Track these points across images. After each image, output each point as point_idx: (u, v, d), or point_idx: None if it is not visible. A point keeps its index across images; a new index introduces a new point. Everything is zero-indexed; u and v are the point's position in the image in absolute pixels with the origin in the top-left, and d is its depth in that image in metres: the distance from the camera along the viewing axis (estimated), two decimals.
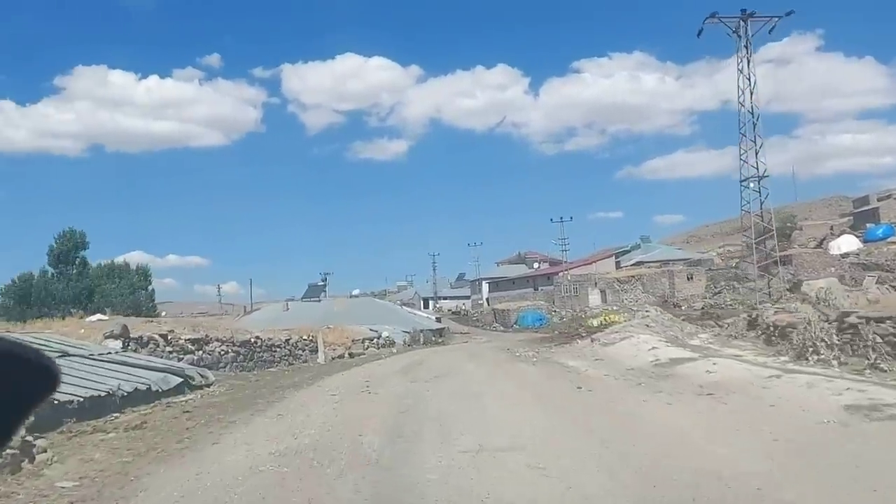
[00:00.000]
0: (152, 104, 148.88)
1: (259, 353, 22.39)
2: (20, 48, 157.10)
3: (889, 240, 71.68)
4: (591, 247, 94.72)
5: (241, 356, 21.45)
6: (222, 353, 20.67)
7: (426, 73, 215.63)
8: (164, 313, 76.83)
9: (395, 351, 34.10)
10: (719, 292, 66.59)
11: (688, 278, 71.25)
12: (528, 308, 71.47)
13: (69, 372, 12.00)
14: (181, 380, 15.09)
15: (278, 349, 23.81)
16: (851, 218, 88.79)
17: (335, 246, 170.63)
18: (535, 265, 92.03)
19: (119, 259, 60.84)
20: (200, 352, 19.86)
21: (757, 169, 27.78)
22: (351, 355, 28.17)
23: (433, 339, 49.19)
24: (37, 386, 0.69)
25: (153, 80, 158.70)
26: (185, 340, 19.51)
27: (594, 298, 72.27)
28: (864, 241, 72.78)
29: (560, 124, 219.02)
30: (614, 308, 68.22)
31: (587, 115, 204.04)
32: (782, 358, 14.62)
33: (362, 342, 32.50)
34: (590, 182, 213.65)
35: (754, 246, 31.92)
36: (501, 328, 68.62)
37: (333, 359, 26.64)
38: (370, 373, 18.94)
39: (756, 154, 27.64)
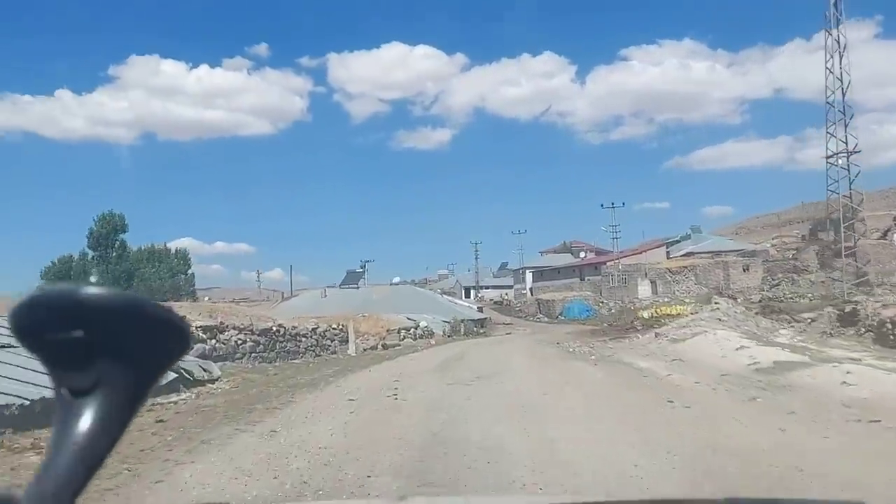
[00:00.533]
0: (202, 93, 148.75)
1: (282, 342, 19.74)
2: (76, 38, 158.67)
3: None
4: (639, 237, 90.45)
5: (261, 346, 18.81)
6: (239, 342, 18.05)
7: (471, 61, 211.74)
8: (207, 298, 75.59)
9: (433, 342, 31.25)
10: (777, 284, 61.90)
11: (743, 269, 66.65)
12: (574, 299, 67.93)
13: (17, 364, 9.37)
14: (175, 375, 12.45)
15: (304, 339, 21.13)
16: None
17: (378, 234, 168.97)
18: (582, 255, 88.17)
19: (170, 244, 59.44)
20: (213, 341, 17.26)
21: (846, 144, 23.82)
22: (385, 347, 25.40)
23: (474, 329, 46.22)
24: (171, 346, 0.68)
25: (203, 69, 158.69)
26: (196, 328, 16.92)
27: (643, 289, 68.26)
28: None
29: (607, 113, 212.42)
30: (665, 300, 64.13)
31: (635, 103, 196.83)
32: None
33: (398, 332, 29.72)
34: (636, 172, 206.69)
35: (842, 231, 27.74)
36: (546, 319, 65.25)
37: (365, 350, 23.90)
38: (402, 369, 16.06)
39: (846, 126, 23.67)
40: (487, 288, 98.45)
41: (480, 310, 67.38)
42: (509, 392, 11.09)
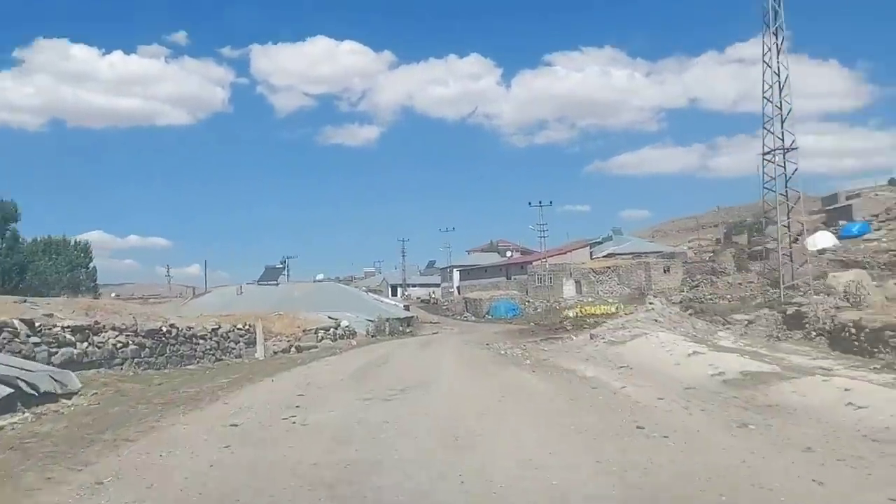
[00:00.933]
0: (116, 80, 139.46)
1: (174, 345, 16.84)
2: None
3: (865, 237, 68.47)
4: (564, 238, 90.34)
5: (148, 350, 15.89)
6: (118, 345, 15.08)
7: (399, 59, 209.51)
8: (114, 294, 70.26)
9: (354, 343, 28.76)
10: (697, 286, 62.29)
11: (664, 270, 66.90)
12: (500, 297, 66.57)
13: None
14: (11, 391, 9.61)
15: (203, 341, 18.27)
16: (824, 215, 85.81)
17: (303, 230, 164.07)
18: (508, 254, 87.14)
19: (79, 237, 54.17)
20: (86, 344, 14.27)
21: (783, 140, 22.83)
22: (299, 349, 22.73)
23: (400, 329, 43.90)
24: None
25: (117, 55, 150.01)
26: (63, 328, 13.91)
27: (568, 289, 67.63)
28: (840, 238, 69.43)
29: (531, 117, 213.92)
30: (590, 299, 63.64)
31: (558, 108, 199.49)
32: None
33: (316, 332, 27.06)
34: (559, 175, 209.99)
35: (779, 230, 26.92)
36: (473, 318, 63.57)
37: (275, 353, 21.21)
38: (312, 377, 13.59)
39: (782, 122, 22.68)
40: (415, 286, 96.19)
41: (407, 308, 65.08)
42: (438, 411, 8.87)
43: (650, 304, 22.31)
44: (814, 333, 14.38)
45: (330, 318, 34.20)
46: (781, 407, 7.69)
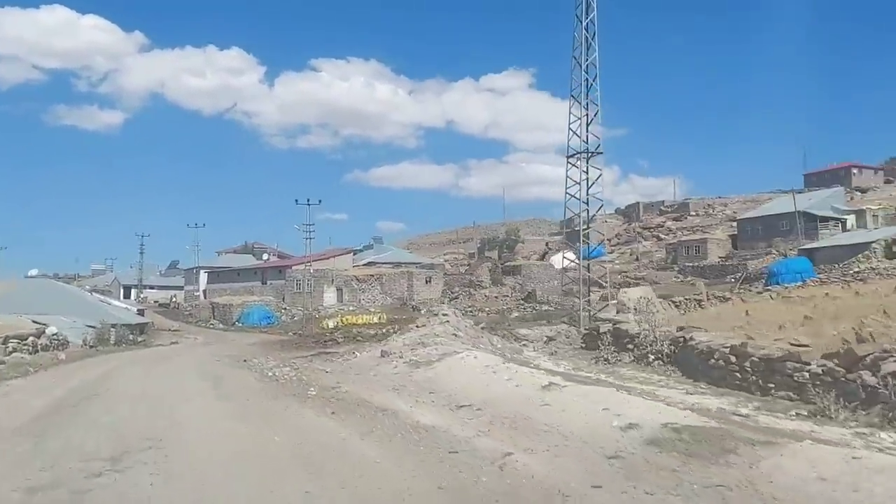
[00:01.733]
0: None
1: None
2: None
3: (601, 259, 74.64)
4: (325, 244, 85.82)
5: None
6: None
7: (151, 42, 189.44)
8: None
9: (63, 357, 21.43)
10: (456, 297, 62.17)
11: (426, 281, 65.89)
12: (254, 304, 59.96)
13: None
14: None
15: None
16: (564, 236, 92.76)
17: (19, 219, 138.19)
18: (265, 256, 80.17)
19: None
20: None
21: (587, 142, 21.35)
22: None
23: (131, 337, 35.85)
24: None
25: None
26: None
27: (329, 297, 63.35)
28: (581, 258, 74.94)
29: (294, 119, 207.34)
30: (351, 308, 60.03)
31: (322, 114, 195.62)
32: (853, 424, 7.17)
33: (4, 343, 19.45)
34: (319, 181, 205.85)
35: (580, 238, 25.51)
36: (221, 325, 56.15)
37: None
38: None
39: (587, 124, 21.17)
40: (153, 288, 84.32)
41: (141, 313, 55.47)
42: None
43: (443, 314, 19.02)
44: (651, 357, 11.96)
45: (35, 322, 25.97)
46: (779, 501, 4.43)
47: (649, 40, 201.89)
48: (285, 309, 61.03)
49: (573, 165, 23.26)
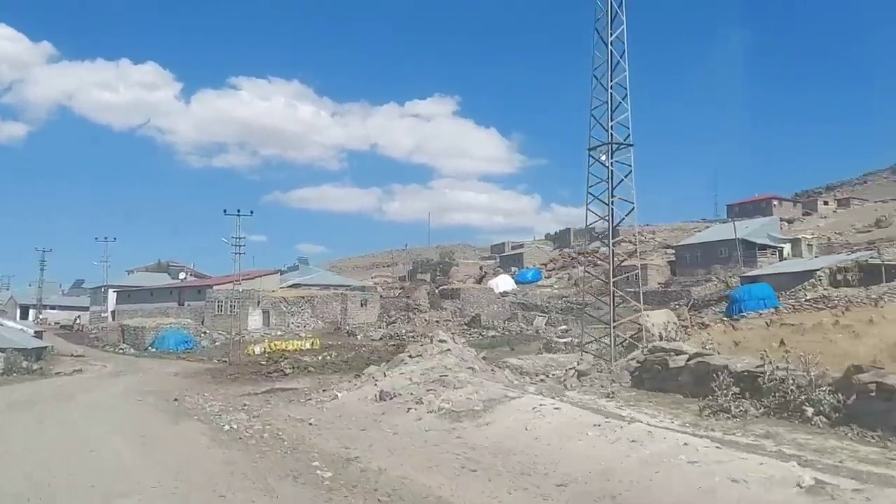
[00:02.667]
0: None
1: None
2: None
3: (538, 283, 72.33)
4: (249, 264, 79.39)
5: None
6: None
7: (60, 53, 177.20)
8: None
9: None
10: (394, 322, 57.78)
11: (361, 304, 61.22)
12: (170, 326, 53.35)
13: None
14: None
15: None
16: (497, 260, 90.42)
17: None
18: (182, 276, 73.05)
19: None
20: None
21: (610, 135, 17.77)
22: None
23: (24, 364, 29.61)
24: None
25: None
26: None
27: (255, 320, 57.58)
28: (517, 283, 72.37)
29: (211, 138, 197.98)
30: (279, 332, 54.44)
31: (240, 133, 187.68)
32: None
33: None
34: (237, 201, 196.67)
35: (611, 250, 21.86)
36: (133, 351, 49.32)
37: None
38: None
39: (611, 113, 17.63)
40: (55, 308, 75.15)
41: (39, 335, 48.03)
42: None
43: (441, 341, 15.01)
44: (808, 410, 8.36)
45: None
46: None
47: (569, 71, 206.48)
48: (205, 333, 54.75)
49: (595, 160, 19.71)
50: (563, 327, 48.15)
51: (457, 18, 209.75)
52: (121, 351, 49.39)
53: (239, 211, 52.58)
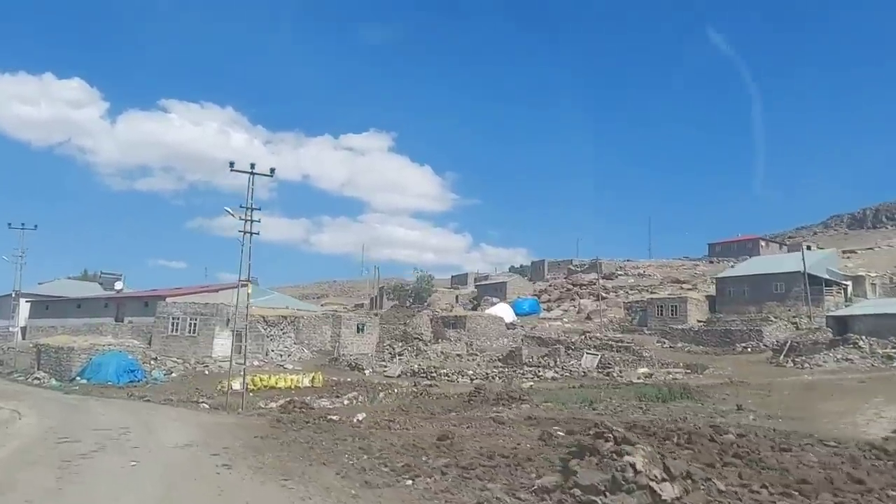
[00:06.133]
0: None
1: None
2: None
3: (540, 315, 60.21)
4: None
5: None
6: None
7: None
8: None
9: None
10: (401, 354, 43.49)
11: (358, 330, 46.61)
12: (109, 349, 36.84)
13: None
14: None
15: None
16: (476, 290, 77.84)
17: None
18: (119, 286, 55.50)
19: None
20: None
21: None
22: None
23: None
24: None
25: None
26: None
27: (222, 345, 41.92)
28: (516, 314, 60.01)
29: (135, 160, 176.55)
30: (257, 362, 39.06)
31: (167, 157, 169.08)
32: None
33: None
34: (158, 226, 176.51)
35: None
36: (55, 381, 32.79)
37: None
38: None
39: None
40: None
41: None
42: None
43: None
44: None
45: None
46: None
47: (506, 114, 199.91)
48: (155, 360, 38.56)
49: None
50: (618, 368, 35.82)
51: (398, 55, 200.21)
52: (37, 381, 32.56)
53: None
